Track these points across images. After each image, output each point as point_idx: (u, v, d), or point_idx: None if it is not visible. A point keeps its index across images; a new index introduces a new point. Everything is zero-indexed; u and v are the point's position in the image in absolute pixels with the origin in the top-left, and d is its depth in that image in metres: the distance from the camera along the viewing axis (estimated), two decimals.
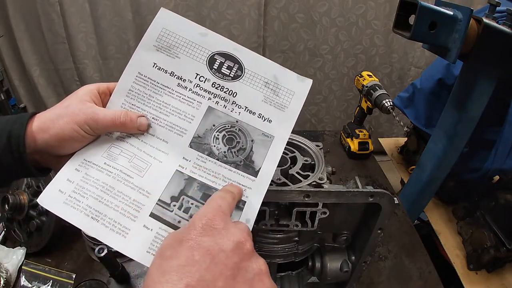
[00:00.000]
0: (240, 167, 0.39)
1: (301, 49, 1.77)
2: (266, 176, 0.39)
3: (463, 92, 0.78)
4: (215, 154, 0.39)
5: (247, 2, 1.62)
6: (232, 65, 0.42)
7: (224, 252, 0.28)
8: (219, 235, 0.29)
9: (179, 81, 0.41)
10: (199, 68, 0.41)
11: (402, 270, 0.73)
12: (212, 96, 0.41)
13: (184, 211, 0.36)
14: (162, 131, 0.39)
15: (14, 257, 0.69)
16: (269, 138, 0.41)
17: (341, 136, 1.15)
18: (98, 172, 0.37)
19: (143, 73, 0.40)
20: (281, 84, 0.42)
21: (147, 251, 0.34)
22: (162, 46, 0.41)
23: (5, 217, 0.75)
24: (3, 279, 0.65)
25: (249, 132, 0.40)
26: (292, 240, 0.50)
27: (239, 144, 0.40)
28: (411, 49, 1.76)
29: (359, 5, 1.64)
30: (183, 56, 0.41)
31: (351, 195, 0.42)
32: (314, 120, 2.03)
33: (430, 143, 0.92)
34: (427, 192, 1.00)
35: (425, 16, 0.61)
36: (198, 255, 0.27)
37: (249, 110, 0.41)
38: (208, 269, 0.26)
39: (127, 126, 0.38)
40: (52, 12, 1.61)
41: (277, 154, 0.40)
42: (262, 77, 0.42)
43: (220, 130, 0.40)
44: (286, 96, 0.42)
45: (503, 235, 0.89)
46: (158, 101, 0.40)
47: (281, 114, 0.41)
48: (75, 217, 0.34)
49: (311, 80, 0.43)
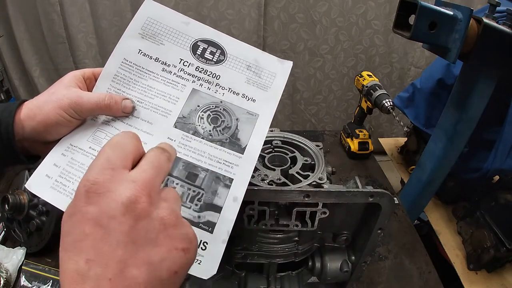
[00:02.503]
0: (226, 144, 0.40)
1: (301, 49, 1.77)
2: (253, 152, 0.40)
3: (463, 92, 0.78)
4: (200, 133, 0.40)
5: (247, 2, 1.62)
6: (214, 51, 0.44)
7: (115, 218, 0.24)
8: (105, 199, 0.25)
9: (164, 66, 0.42)
10: (183, 53, 0.43)
11: (402, 270, 0.73)
12: (196, 79, 0.42)
13: None
14: (147, 113, 0.40)
15: (14, 257, 0.69)
16: (254, 116, 0.42)
17: (341, 136, 1.15)
18: (83, 156, 0.37)
19: (128, 59, 0.42)
20: (263, 67, 0.44)
21: None
22: (147, 34, 0.43)
23: (5, 217, 0.75)
24: (3, 279, 0.65)
25: (233, 111, 0.42)
26: (292, 240, 0.50)
27: (224, 123, 0.41)
28: (411, 49, 1.76)
29: (359, 5, 1.64)
30: (167, 43, 0.43)
31: (351, 195, 0.42)
32: (314, 120, 2.03)
33: (430, 143, 0.92)
34: (427, 192, 1.00)
35: (425, 16, 0.61)
36: (88, 228, 0.24)
37: (233, 91, 0.43)
38: (103, 240, 0.24)
39: (111, 109, 0.38)
40: (52, 12, 1.61)
41: (263, 131, 0.41)
42: (244, 60, 0.44)
43: (205, 110, 0.41)
44: (268, 78, 0.44)
45: (503, 235, 0.89)
46: (143, 85, 0.41)
47: (265, 93, 0.43)
48: (61, 201, 0.35)
49: (291, 62, 0.45)
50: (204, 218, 0.36)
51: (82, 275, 0.23)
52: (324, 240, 0.55)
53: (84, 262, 0.23)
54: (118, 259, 0.24)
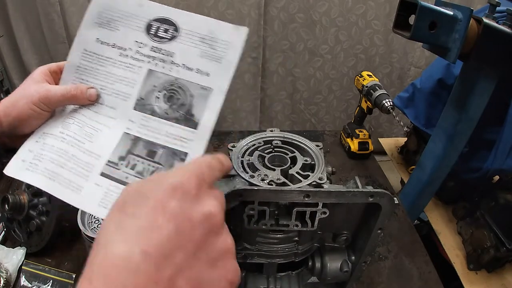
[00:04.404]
0: (181, 121, 0.42)
1: (301, 48, 1.77)
2: (206, 127, 0.41)
3: (463, 92, 0.78)
4: (157, 112, 0.43)
5: (247, 2, 1.62)
6: (168, 28, 0.44)
7: (191, 222, 0.25)
8: (189, 202, 0.26)
9: (121, 51, 0.44)
10: (137, 36, 0.44)
11: (402, 270, 0.73)
12: (152, 59, 0.44)
13: (131, 168, 0.41)
14: (110, 99, 0.43)
15: (14, 257, 0.69)
16: (207, 90, 0.43)
17: (341, 136, 1.15)
18: (53, 139, 0.41)
19: (88, 49, 0.44)
20: (217, 37, 0.44)
21: (99, 205, 0.39)
22: (102, 22, 0.44)
23: (5, 217, 0.75)
24: (3, 279, 0.65)
25: (188, 87, 0.43)
26: (292, 240, 0.50)
27: (179, 101, 0.43)
28: (411, 49, 1.76)
29: (359, 5, 1.64)
30: (122, 28, 0.44)
31: (351, 195, 0.42)
32: (314, 120, 2.03)
33: (430, 143, 0.92)
34: (427, 192, 1.00)
35: (425, 16, 0.61)
36: (162, 219, 0.24)
37: (187, 67, 0.43)
38: (170, 238, 0.23)
39: (78, 98, 0.42)
40: (52, 12, 1.61)
41: (216, 104, 0.42)
42: (197, 33, 0.44)
43: (161, 90, 0.43)
44: (223, 48, 0.43)
45: (503, 235, 0.89)
46: (104, 72, 0.44)
47: (219, 66, 0.43)
48: (35, 179, 0.39)
49: (246, 28, 0.44)
50: None
51: (129, 263, 0.22)
52: (324, 240, 0.55)
53: (139, 252, 0.22)
54: (175, 265, 0.23)
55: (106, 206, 0.39)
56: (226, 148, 0.52)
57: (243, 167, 0.49)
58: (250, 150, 0.53)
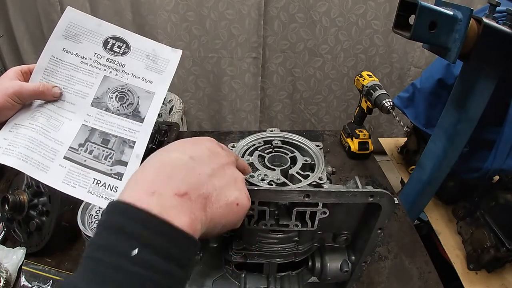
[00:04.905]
0: (130, 117, 0.53)
1: (301, 48, 1.77)
2: (150, 121, 0.54)
3: (463, 92, 0.78)
4: (110, 109, 0.54)
5: (247, 2, 1.62)
6: (121, 45, 0.56)
7: (219, 153, 0.36)
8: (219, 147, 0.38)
9: (82, 59, 0.55)
10: (96, 49, 0.55)
11: (402, 270, 0.73)
12: (107, 68, 0.55)
13: (89, 153, 0.51)
14: (71, 97, 0.53)
15: (14, 257, 0.69)
16: (151, 94, 0.55)
17: (341, 136, 1.15)
18: (25, 129, 0.50)
19: (55, 55, 0.54)
20: (159, 55, 0.57)
21: (62, 181, 0.48)
22: (69, 35, 0.54)
23: (5, 217, 0.75)
24: (3, 279, 0.65)
25: (135, 91, 0.55)
26: (292, 240, 0.50)
27: (128, 100, 0.54)
28: (411, 49, 1.76)
29: (359, 5, 1.64)
30: (84, 41, 0.55)
31: (351, 195, 0.42)
32: (314, 120, 2.03)
33: (430, 143, 0.92)
34: (427, 192, 1.00)
35: (425, 16, 0.61)
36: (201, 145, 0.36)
37: (135, 76, 0.55)
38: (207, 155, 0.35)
39: (45, 94, 0.51)
40: (53, 12, 1.61)
41: (158, 105, 0.55)
42: (143, 51, 0.56)
43: (114, 92, 0.54)
44: (163, 64, 0.57)
45: (503, 235, 0.89)
46: (67, 75, 0.54)
47: (160, 76, 0.56)
48: (11, 161, 0.47)
49: (181, 50, 0.58)
50: (115, 170, 0.50)
51: (181, 161, 0.32)
52: (324, 240, 0.55)
53: (188, 157, 0.32)
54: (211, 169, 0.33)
55: (68, 183, 0.48)
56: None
57: None
58: (250, 150, 0.53)
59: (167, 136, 1.07)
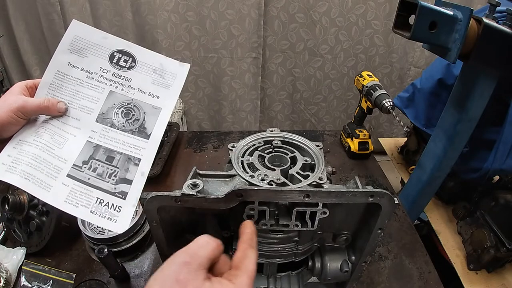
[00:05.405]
0: (135, 133, 0.52)
1: (301, 48, 1.77)
2: (156, 137, 0.52)
3: (463, 92, 0.78)
4: (116, 125, 0.52)
5: (247, 2, 1.62)
6: (127, 59, 0.54)
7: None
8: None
9: (88, 74, 0.53)
10: (102, 63, 0.53)
11: (402, 270, 0.73)
12: (113, 83, 0.53)
13: (93, 171, 0.49)
14: (76, 112, 0.51)
15: (14, 257, 0.69)
16: (158, 109, 0.53)
17: (341, 136, 1.15)
18: (29, 146, 0.49)
19: (60, 70, 0.52)
20: (166, 69, 0.55)
21: (65, 201, 0.47)
22: (74, 49, 0.53)
23: (5, 217, 0.75)
24: (3, 279, 0.65)
25: (141, 106, 0.53)
26: (292, 240, 0.50)
27: (134, 116, 0.52)
28: (411, 49, 1.76)
29: (359, 5, 1.64)
30: (90, 55, 0.53)
31: (351, 195, 0.42)
32: (314, 120, 2.03)
33: (430, 143, 0.92)
34: (427, 192, 1.00)
35: (425, 16, 0.61)
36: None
37: (141, 91, 0.53)
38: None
39: (49, 109, 0.49)
40: (53, 12, 1.61)
41: (165, 120, 0.53)
42: (151, 65, 0.54)
43: (119, 107, 0.52)
44: (170, 78, 0.55)
45: (503, 235, 0.89)
46: (72, 90, 0.52)
47: (167, 91, 0.54)
48: (14, 179, 0.46)
49: (189, 64, 0.56)
50: (119, 189, 0.48)
51: None
52: (324, 240, 0.55)
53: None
54: None
55: (71, 202, 0.47)
56: (226, 148, 0.52)
57: (243, 167, 0.49)
58: (250, 150, 0.53)
59: (167, 136, 1.07)
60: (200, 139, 1.15)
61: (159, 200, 0.43)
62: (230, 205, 0.42)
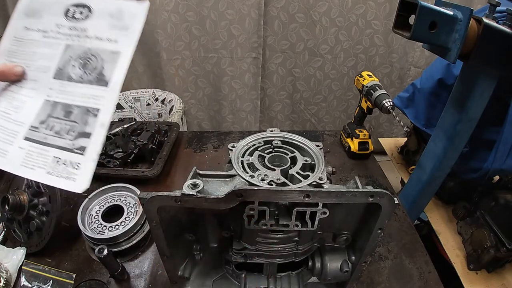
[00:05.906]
0: (93, 83, 0.49)
1: (301, 48, 1.77)
2: (115, 83, 0.49)
3: (463, 92, 0.78)
4: (73, 78, 0.50)
5: (247, 2, 1.62)
6: (82, 10, 0.52)
7: None
8: None
9: (44, 33, 0.52)
10: (57, 19, 0.52)
11: (402, 270, 0.73)
12: (69, 36, 0.51)
13: (50, 130, 0.48)
14: (34, 74, 0.50)
15: (14, 257, 0.69)
16: (116, 54, 0.50)
17: (341, 136, 1.15)
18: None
19: (17, 35, 0.52)
20: (124, 11, 0.52)
21: (21, 165, 0.46)
22: (30, 12, 0.53)
23: (5, 217, 0.75)
24: (3, 279, 0.65)
25: (99, 54, 0.50)
26: (292, 240, 0.50)
27: (92, 65, 0.50)
28: (411, 49, 1.76)
29: (359, 5, 1.64)
30: (45, 16, 0.52)
31: (351, 195, 0.42)
32: (314, 120, 2.03)
33: (430, 143, 0.92)
34: (427, 192, 1.00)
35: (425, 16, 0.61)
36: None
37: (98, 38, 0.51)
38: None
39: (6, 74, 0.49)
40: None
41: (124, 65, 0.49)
42: (107, 11, 0.52)
43: (76, 59, 0.51)
44: (129, 19, 0.52)
45: (503, 235, 0.89)
46: (29, 52, 0.51)
47: (125, 33, 0.51)
48: None
49: (148, 2, 0.53)
50: (78, 144, 0.46)
51: None
52: (324, 240, 0.55)
53: None
54: None
55: (26, 165, 0.46)
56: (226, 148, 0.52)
57: (243, 167, 0.49)
58: (250, 150, 0.53)
59: (167, 136, 1.07)
60: (200, 139, 1.15)
61: (159, 200, 0.43)
62: (230, 205, 0.42)
